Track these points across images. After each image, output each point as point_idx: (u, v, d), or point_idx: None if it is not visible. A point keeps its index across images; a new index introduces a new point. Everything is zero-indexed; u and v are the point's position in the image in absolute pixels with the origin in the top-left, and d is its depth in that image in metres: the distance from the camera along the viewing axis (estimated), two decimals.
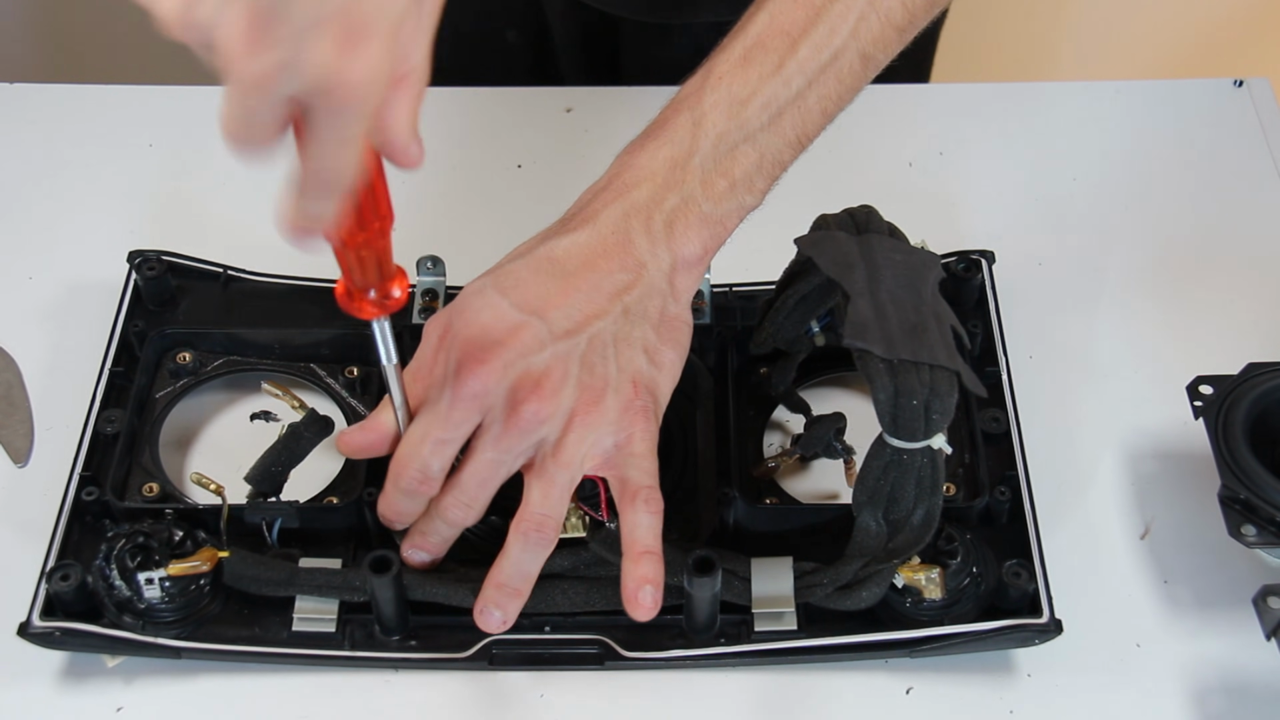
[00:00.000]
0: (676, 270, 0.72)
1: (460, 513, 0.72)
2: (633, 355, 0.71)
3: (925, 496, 0.74)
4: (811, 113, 0.73)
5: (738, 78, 0.72)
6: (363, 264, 0.62)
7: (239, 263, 0.91)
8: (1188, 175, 1.02)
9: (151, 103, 1.07)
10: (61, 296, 0.93)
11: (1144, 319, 0.92)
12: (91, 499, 0.78)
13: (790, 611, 0.75)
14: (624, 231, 0.71)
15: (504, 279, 0.71)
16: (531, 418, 0.69)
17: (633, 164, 0.72)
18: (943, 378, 0.72)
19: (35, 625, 0.73)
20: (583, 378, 0.69)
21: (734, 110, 0.71)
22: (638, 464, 0.72)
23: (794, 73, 0.72)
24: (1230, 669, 0.75)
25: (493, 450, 0.70)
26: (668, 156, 0.72)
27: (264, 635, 0.75)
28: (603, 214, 0.71)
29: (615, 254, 0.70)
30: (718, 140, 0.71)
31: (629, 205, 0.71)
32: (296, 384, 0.86)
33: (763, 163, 0.72)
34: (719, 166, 0.71)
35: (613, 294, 0.70)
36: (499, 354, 0.68)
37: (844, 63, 0.72)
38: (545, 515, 0.71)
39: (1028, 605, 0.74)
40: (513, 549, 0.71)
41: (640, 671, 0.75)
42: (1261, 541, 0.74)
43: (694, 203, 0.71)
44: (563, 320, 0.69)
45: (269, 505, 0.78)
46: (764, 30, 0.72)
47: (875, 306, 0.75)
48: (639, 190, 0.71)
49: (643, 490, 0.71)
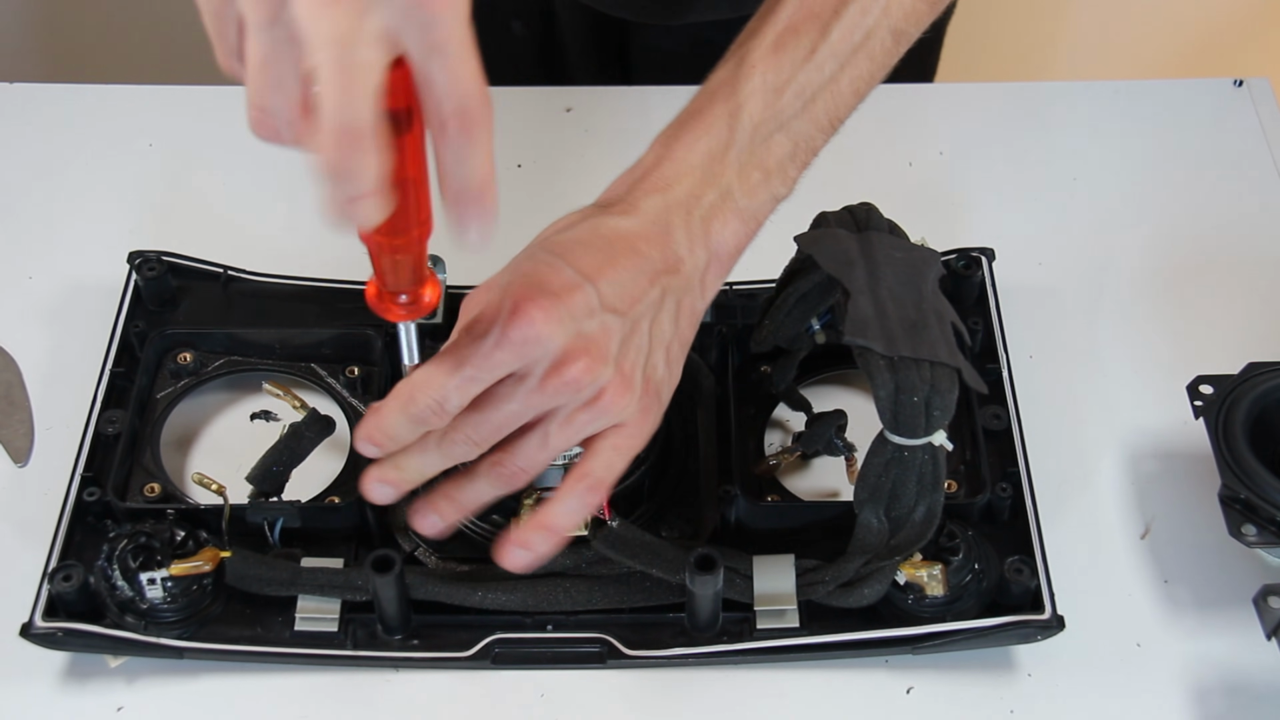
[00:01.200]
0: (709, 268, 0.70)
1: (465, 450, 0.67)
2: (657, 349, 0.69)
3: (927, 493, 0.74)
4: (844, 95, 0.72)
5: (771, 65, 0.71)
6: (397, 267, 0.62)
7: (239, 263, 0.91)
8: (1188, 175, 1.02)
9: (151, 103, 1.07)
10: (62, 296, 0.93)
11: (1144, 319, 0.92)
12: (93, 499, 0.78)
13: (792, 609, 0.75)
14: (664, 225, 0.69)
15: (555, 245, 0.68)
16: (574, 381, 0.65)
17: (671, 156, 0.71)
18: (943, 374, 0.73)
19: (38, 626, 0.73)
20: (620, 359, 0.67)
21: (769, 99, 0.70)
22: (609, 456, 0.69)
23: (827, 57, 0.71)
24: (1230, 669, 0.75)
25: (521, 402, 0.66)
26: (706, 149, 0.70)
27: (266, 635, 0.75)
28: (643, 205, 0.70)
29: (656, 243, 0.69)
30: (754, 131, 0.70)
31: (670, 200, 0.70)
32: (297, 384, 0.86)
33: (796, 150, 0.71)
34: (754, 158, 0.70)
35: (654, 277, 0.68)
36: (559, 306, 0.64)
37: (876, 41, 0.72)
38: (522, 469, 0.68)
39: (1030, 601, 0.74)
40: (526, 533, 0.68)
41: (642, 670, 0.75)
42: (1261, 541, 0.74)
43: (731, 198, 0.70)
44: (613, 293, 0.66)
45: (271, 505, 0.78)
46: (795, 14, 0.71)
47: (875, 304, 0.75)
48: (679, 185, 0.70)
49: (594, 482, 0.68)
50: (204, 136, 1.04)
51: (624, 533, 0.76)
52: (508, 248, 0.97)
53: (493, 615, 0.76)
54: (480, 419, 0.66)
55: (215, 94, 1.07)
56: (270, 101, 0.54)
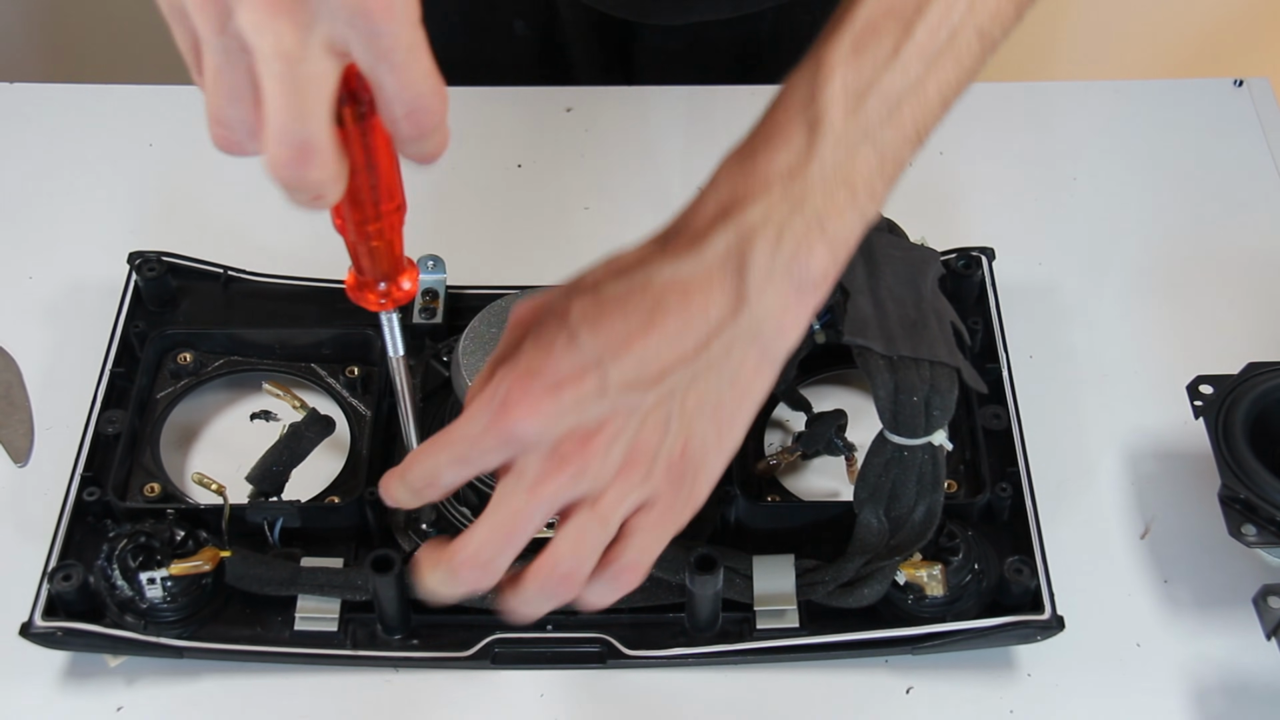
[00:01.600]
0: (789, 307, 0.63)
1: (474, 575, 0.63)
2: (697, 418, 0.63)
3: (926, 493, 0.74)
4: (931, 102, 0.65)
5: (852, 68, 0.64)
6: (373, 255, 0.62)
7: (239, 263, 0.91)
8: (1188, 175, 1.02)
9: (151, 103, 1.07)
10: (62, 296, 0.93)
11: (1144, 319, 0.92)
12: (93, 499, 0.78)
13: (792, 609, 0.75)
14: (737, 258, 0.62)
15: (590, 305, 0.63)
16: (574, 474, 0.61)
17: (746, 175, 0.64)
18: (943, 374, 0.73)
19: (37, 625, 0.73)
20: (639, 435, 0.62)
21: (851, 106, 0.64)
22: (642, 539, 0.64)
23: (911, 59, 0.64)
24: (1230, 669, 0.75)
25: (525, 498, 0.61)
26: (784, 166, 0.63)
27: (266, 635, 0.75)
28: (712, 237, 0.63)
29: (718, 285, 0.62)
30: (836, 143, 0.63)
31: (743, 228, 0.62)
32: (297, 384, 0.86)
33: (884, 164, 0.64)
34: (839, 174, 0.63)
35: (700, 341, 0.62)
36: (554, 400, 0.61)
37: (961, 43, 0.65)
38: (572, 569, 0.63)
39: (1030, 601, 0.74)
40: (529, 588, 0.63)
41: (642, 670, 0.75)
42: (1261, 541, 0.74)
43: (818, 223, 0.63)
44: (634, 369, 0.61)
45: (271, 505, 0.78)
46: (873, 13, 0.64)
47: (875, 303, 0.75)
48: (754, 209, 0.63)
49: (623, 568, 0.64)
50: (204, 136, 1.03)
51: None
52: (508, 247, 0.98)
53: (493, 615, 0.75)
54: (484, 533, 0.63)
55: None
56: (227, 113, 0.53)
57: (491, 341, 0.78)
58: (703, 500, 0.64)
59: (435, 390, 0.85)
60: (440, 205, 0.99)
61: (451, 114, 1.18)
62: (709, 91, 1.07)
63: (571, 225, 0.99)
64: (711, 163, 1.07)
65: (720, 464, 0.65)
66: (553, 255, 0.96)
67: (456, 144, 1.10)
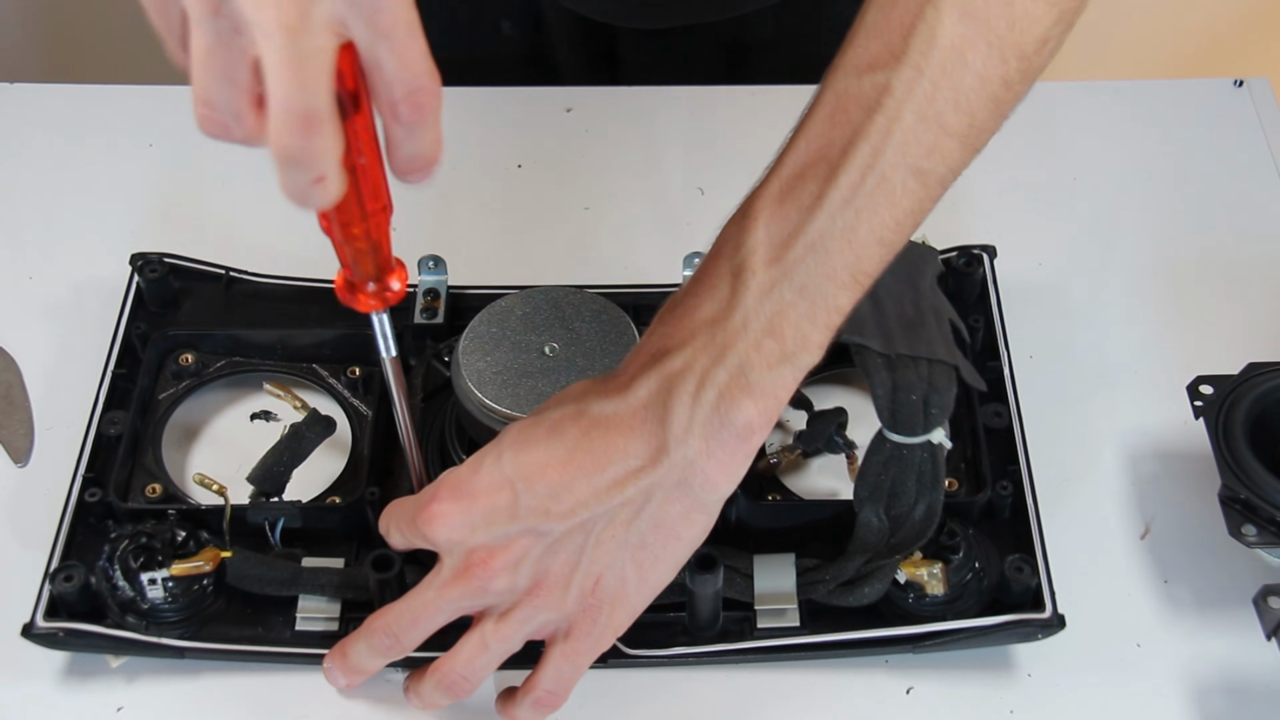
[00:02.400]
0: (713, 456, 0.62)
1: (384, 642, 0.69)
2: (614, 555, 0.65)
3: (926, 491, 0.74)
4: (865, 245, 0.62)
5: (776, 216, 0.62)
6: (360, 256, 0.62)
7: (241, 264, 0.91)
8: (1188, 175, 1.02)
9: (151, 103, 1.07)
10: (62, 297, 0.93)
11: (1144, 319, 0.92)
12: (94, 500, 0.78)
13: (793, 608, 0.75)
14: (659, 405, 0.63)
15: (525, 428, 0.66)
16: (477, 586, 0.66)
17: (671, 325, 0.64)
18: (941, 372, 0.73)
19: (39, 626, 0.73)
20: (544, 561, 0.65)
21: (774, 255, 0.62)
22: (558, 666, 0.68)
23: (837, 204, 0.61)
24: (1230, 669, 0.75)
25: (433, 595, 0.67)
26: (708, 315, 0.63)
27: (267, 635, 0.75)
28: (638, 382, 0.63)
29: (639, 429, 0.63)
30: (760, 291, 0.62)
31: (666, 376, 0.63)
32: (299, 384, 0.86)
33: (815, 311, 0.62)
34: (765, 323, 0.62)
35: (616, 480, 0.63)
36: (465, 512, 0.65)
37: (895, 184, 0.62)
38: (465, 677, 0.68)
39: (1030, 600, 0.74)
40: (426, 682, 0.69)
41: (642, 670, 0.75)
42: (1261, 541, 0.74)
43: (744, 374, 0.61)
44: (546, 497, 0.64)
45: (271, 505, 0.78)
46: (802, 159, 0.63)
47: (873, 301, 0.74)
48: (677, 357, 0.63)
49: (542, 694, 0.69)
50: (204, 137, 1.04)
51: None
52: (508, 247, 0.98)
53: None
54: (395, 610, 0.69)
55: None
56: (216, 95, 0.53)
57: (492, 341, 0.78)
58: (622, 630, 0.68)
59: (436, 390, 0.85)
60: (440, 205, 0.99)
61: (451, 114, 1.18)
62: (708, 92, 1.07)
63: (571, 225, 0.99)
64: (711, 163, 1.07)
65: (642, 601, 0.67)
66: (553, 255, 0.97)
67: (456, 144, 1.11)
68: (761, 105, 1.06)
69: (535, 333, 0.78)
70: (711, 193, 1.00)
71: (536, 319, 0.79)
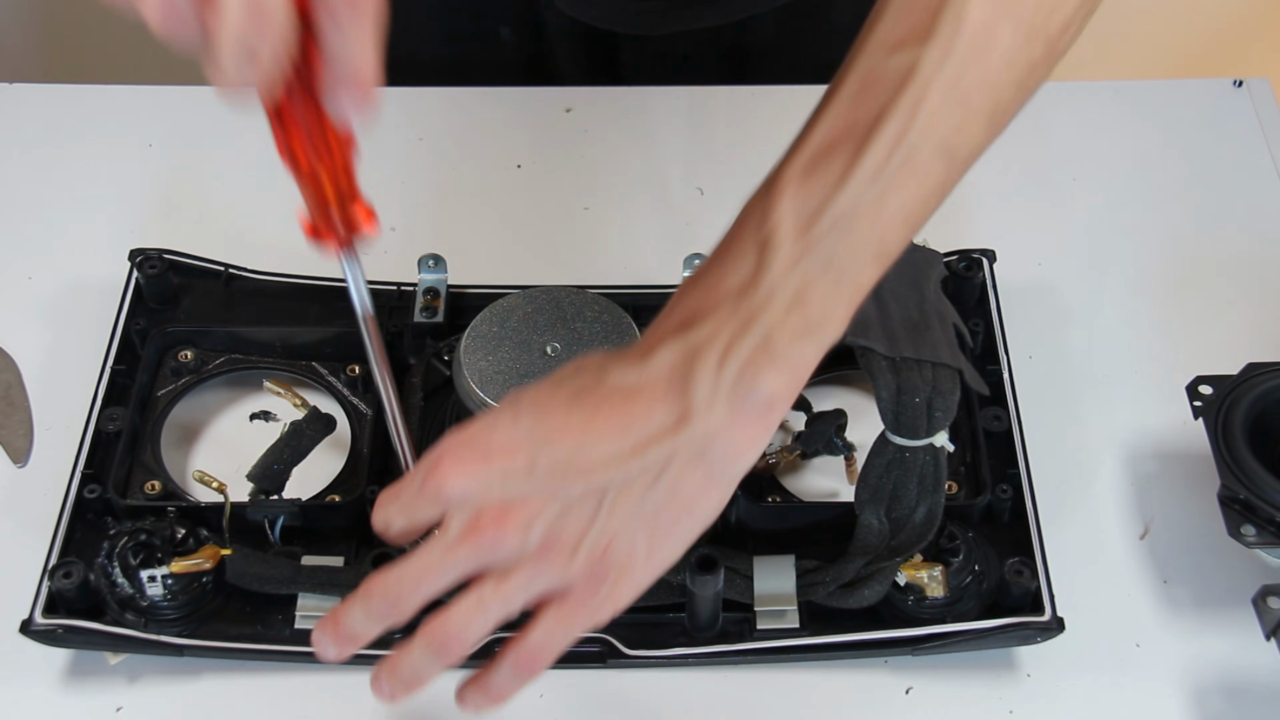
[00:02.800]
0: (736, 427, 0.62)
1: (382, 606, 0.66)
2: (626, 522, 0.64)
3: (927, 494, 0.74)
4: (891, 222, 0.62)
5: (802, 191, 0.62)
6: (323, 187, 0.60)
7: (240, 261, 0.91)
8: (1188, 175, 1.02)
9: (151, 103, 1.07)
10: (62, 296, 0.93)
11: (1144, 319, 0.92)
12: (94, 497, 0.78)
13: (792, 610, 0.75)
14: (682, 374, 0.62)
15: (543, 392, 0.65)
16: (487, 545, 0.63)
17: (696, 293, 0.64)
18: (945, 375, 0.73)
19: (38, 622, 0.73)
20: (556, 524, 0.63)
21: (801, 228, 0.62)
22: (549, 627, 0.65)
23: (864, 179, 0.61)
24: (1230, 669, 0.75)
25: (438, 555, 0.64)
26: (734, 286, 0.62)
27: (266, 633, 0.75)
28: (660, 351, 0.63)
29: (662, 398, 0.62)
30: (785, 264, 0.61)
31: (690, 345, 0.62)
32: (298, 382, 0.86)
33: (840, 286, 0.62)
34: (790, 295, 0.61)
35: (636, 446, 0.62)
36: (480, 468, 0.63)
37: (922, 161, 0.62)
38: (458, 638, 0.65)
39: (1030, 603, 0.74)
40: (416, 643, 0.65)
41: (642, 670, 0.75)
42: (1261, 541, 0.74)
43: (770, 344, 0.61)
44: (564, 458, 0.62)
45: (271, 503, 0.78)
46: (828, 135, 0.62)
47: (877, 304, 0.75)
48: (702, 327, 0.62)
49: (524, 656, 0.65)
50: (204, 136, 1.04)
51: None
52: (508, 247, 0.98)
53: None
54: (395, 575, 0.65)
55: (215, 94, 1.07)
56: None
57: (494, 340, 0.78)
58: (623, 605, 0.65)
59: (437, 389, 0.85)
60: (440, 205, 0.99)
61: (452, 114, 1.18)
62: (708, 91, 1.07)
63: (571, 225, 0.99)
64: (711, 163, 1.07)
65: (649, 574, 0.65)
66: (553, 255, 0.97)
67: (456, 144, 1.11)
68: (761, 106, 1.06)
69: (537, 332, 0.78)
70: (711, 193, 1.00)
71: (538, 319, 0.79)
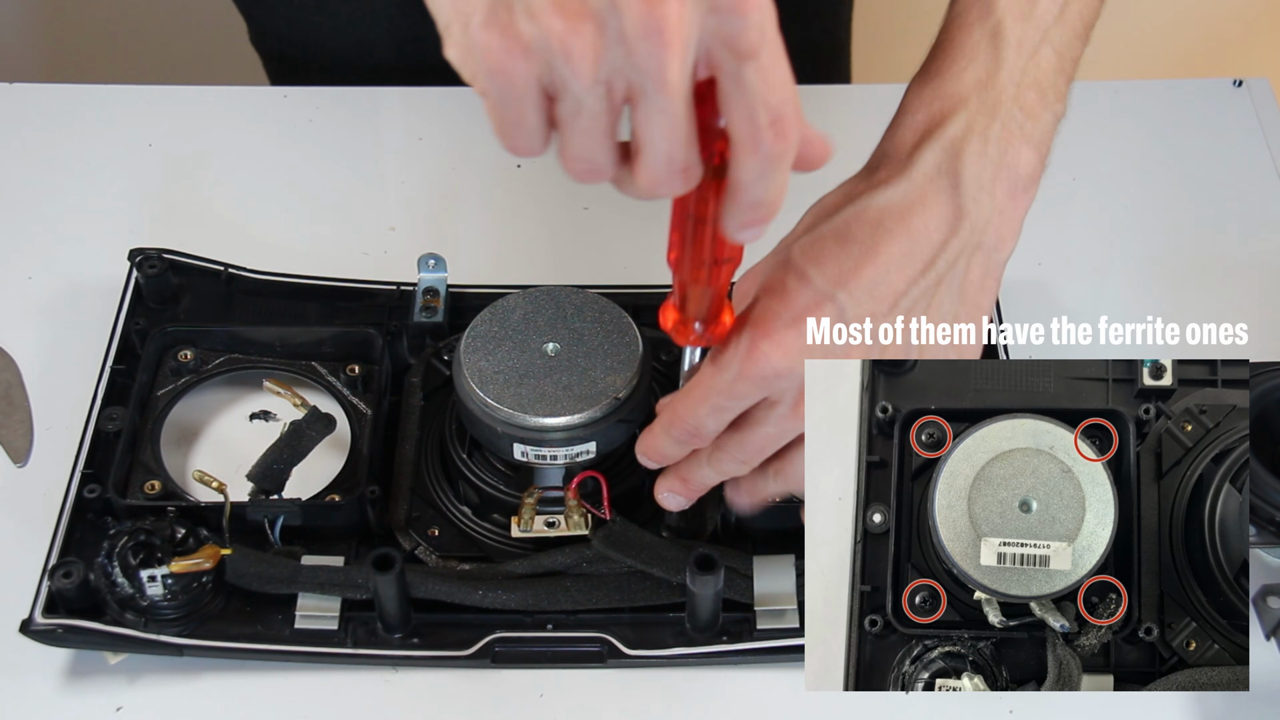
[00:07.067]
0: (1007, 207, 0.65)
1: (734, 468, 0.70)
2: (930, 337, 0.66)
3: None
4: (1089, 3, 0.69)
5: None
6: (701, 298, 0.63)
7: (240, 261, 0.91)
8: (1187, 175, 1.02)
9: (151, 103, 1.07)
10: (62, 296, 0.93)
11: (1144, 319, 0.92)
12: (93, 496, 0.78)
13: (792, 609, 0.75)
14: (949, 172, 0.64)
15: (809, 244, 0.65)
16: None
17: (938, 94, 0.66)
18: None
19: (37, 622, 0.73)
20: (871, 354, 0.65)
21: (1025, 11, 0.66)
22: None
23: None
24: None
25: (775, 427, 0.67)
26: (975, 78, 0.65)
27: (266, 633, 0.75)
28: (918, 158, 0.64)
29: (934, 202, 0.64)
30: (1018, 48, 0.66)
31: (949, 143, 0.64)
32: (298, 382, 0.86)
33: (1061, 63, 0.67)
34: (1026, 77, 0.66)
35: (926, 259, 0.64)
36: (797, 334, 0.63)
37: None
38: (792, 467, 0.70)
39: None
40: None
41: (642, 670, 0.75)
42: (1261, 541, 0.74)
43: (1015, 123, 0.65)
44: (866, 296, 0.63)
45: (271, 503, 0.78)
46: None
47: None
48: (955, 123, 0.65)
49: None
50: (204, 136, 1.04)
51: (624, 532, 0.76)
52: (508, 247, 0.98)
53: (493, 614, 0.76)
54: (742, 440, 0.68)
55: (215, 94, 1.07)
56: (597, 155, 0.54)
57: (494, 340, 0.78)
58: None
59: (436, 389, 0.85)
60: (440, 205, 0.99)
61: (452, 114, 1.18)
62: None
63: (571, 225, 0.99)
64: None
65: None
66: (553, 255, 0.97)
67: (456, 144, 1.11)
68: None
69: (537, 332, 0.78)
70: None
71: (538, 319, 0.79)
